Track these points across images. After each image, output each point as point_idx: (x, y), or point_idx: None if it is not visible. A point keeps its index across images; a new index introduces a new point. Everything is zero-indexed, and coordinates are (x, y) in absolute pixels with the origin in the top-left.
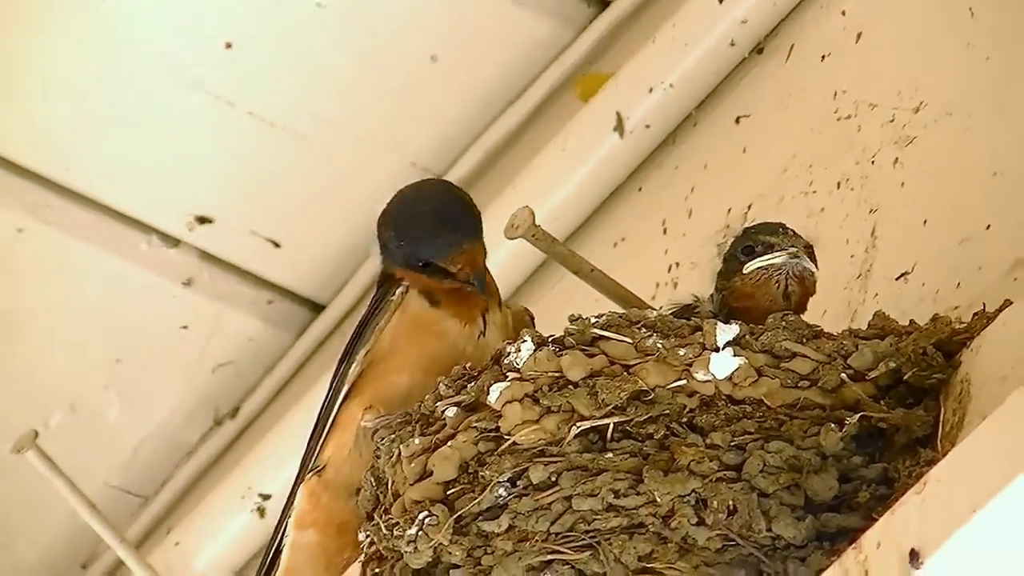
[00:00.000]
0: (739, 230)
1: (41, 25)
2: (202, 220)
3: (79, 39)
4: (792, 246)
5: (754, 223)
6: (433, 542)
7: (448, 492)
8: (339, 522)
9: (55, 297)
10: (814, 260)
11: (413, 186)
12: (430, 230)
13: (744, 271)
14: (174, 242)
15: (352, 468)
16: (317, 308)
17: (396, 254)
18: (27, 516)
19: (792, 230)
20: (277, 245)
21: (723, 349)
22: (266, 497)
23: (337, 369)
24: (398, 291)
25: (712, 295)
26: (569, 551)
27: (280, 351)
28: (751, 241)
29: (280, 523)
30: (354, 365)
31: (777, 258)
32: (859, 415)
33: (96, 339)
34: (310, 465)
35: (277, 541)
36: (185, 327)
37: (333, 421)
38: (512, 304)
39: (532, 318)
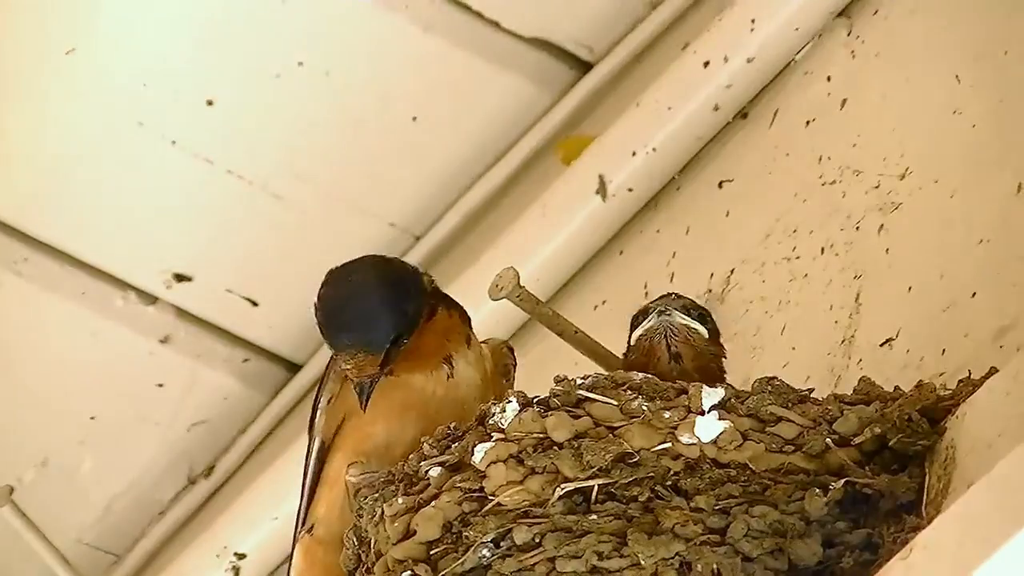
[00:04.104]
0: None
1: (19, 81)
2: (180, 277)
3: (59, 94)
4: (665, 308)
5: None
6: None
7: (431, 552)
8: None
9: (30, 352)
10: (705, 322)
11: (342, 268)
12: (330, 325)
13: (631, 342)
14: (151, 299)
15: (344, 524)
16: (293, 368)
17: None
18: None
19: (676, 294)
20: (254, 304)
21: (708, 412)
22: (241, 556)
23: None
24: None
25: None
26: None
27: (255, 410)
28: (641, 313)
29: None
30: (319, 414)
31: (650, 321)
32: (844, 480)
33: (71, 395)
34: (302, 523)
35: None
36: (161, 385)
37: (319, 477)
38: (491, 339)
39: (512, 350)
